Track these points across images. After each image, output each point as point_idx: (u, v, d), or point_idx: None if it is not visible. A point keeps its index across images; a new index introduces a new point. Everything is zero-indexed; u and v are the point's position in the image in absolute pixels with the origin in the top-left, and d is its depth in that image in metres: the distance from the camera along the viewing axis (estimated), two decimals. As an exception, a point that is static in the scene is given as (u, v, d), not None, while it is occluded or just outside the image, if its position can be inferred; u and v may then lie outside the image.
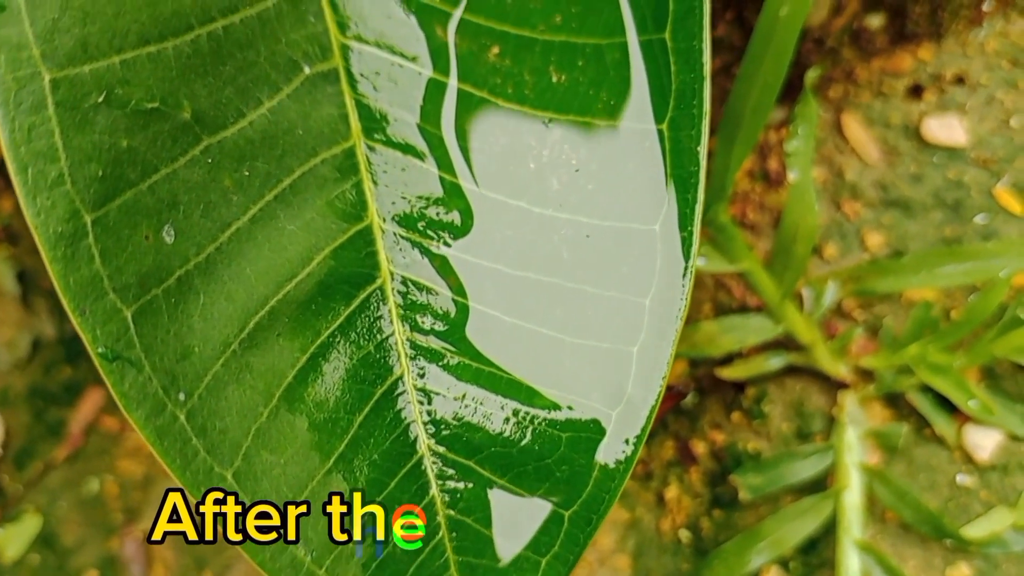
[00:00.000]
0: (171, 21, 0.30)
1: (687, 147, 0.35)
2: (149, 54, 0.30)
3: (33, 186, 0.29)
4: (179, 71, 0.30)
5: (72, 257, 0.30)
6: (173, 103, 0.31)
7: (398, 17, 0.36)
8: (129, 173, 0.30)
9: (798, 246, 0.61)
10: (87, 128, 0.29)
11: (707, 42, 0.35)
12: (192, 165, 0.31)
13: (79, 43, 0.29)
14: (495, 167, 0.36)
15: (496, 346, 0.36)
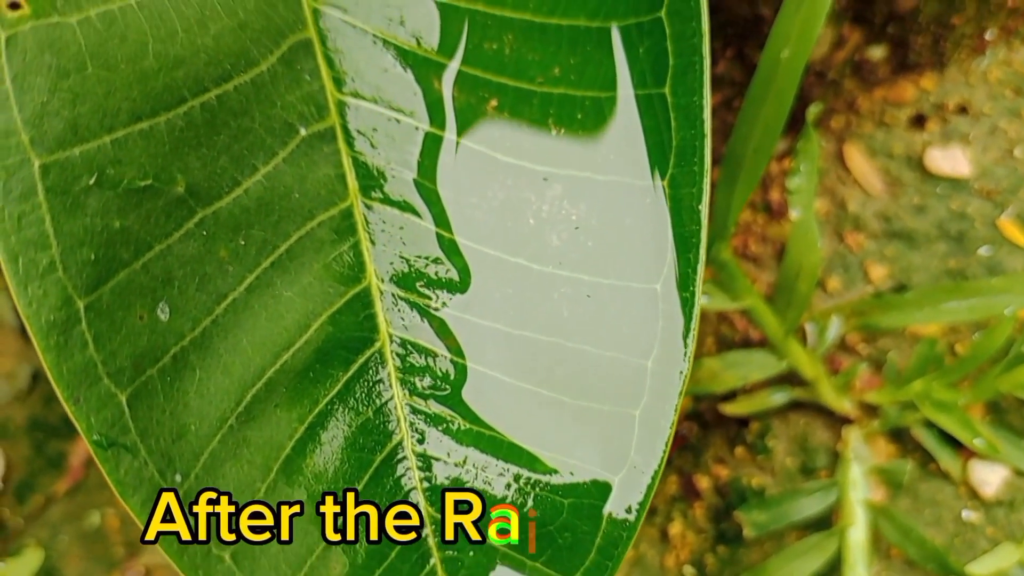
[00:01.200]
0: (163, 95, 0.29)
1: (688, 205, 0.34)
2: (141, 131, 0.29)
3: (24, 275, 0.29)
4: (172, 145, 0.30)
5: (65, 345, 0.29)
6: (166, 178, 0.30)
7: (395, 71, 0.36)
8: (122, 253, 0.30)
9: (801, 283, 0.61)
10: (78, 212, 0.29)
11: (707, 99, 0.34)
12: (187, 239, 0.31)
13: (69, 125, 0.28)
14: (494, 223, 0.36)
15: (496, 409, 0.35)
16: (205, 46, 0.30)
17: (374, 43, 0.36)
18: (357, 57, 0.35)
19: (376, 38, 0.35)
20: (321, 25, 0.35)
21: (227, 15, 0.31)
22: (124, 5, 0.28)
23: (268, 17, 0.32)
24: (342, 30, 0.35)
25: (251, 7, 0.31)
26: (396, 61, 0.36)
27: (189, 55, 0.30)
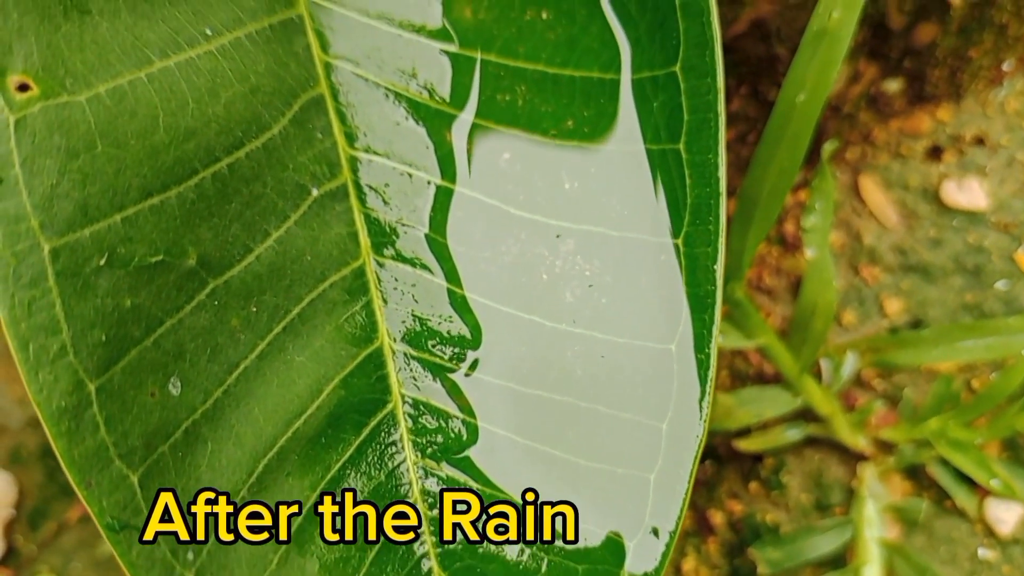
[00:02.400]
0: (174, 169, 0.29)
1: (703, 264, 0.34)
2: (152, 207, 0.29)
3: (35, 362, 0.28)
4: (183, 218, 0.30)
5: (76, 430, 0.29)
6: (178, 252, 0.30)
7: (406, 124, 0.36)
8: (133, 331, 0.29)
9: (816, 322, 0.60)
10: (89, 294, 0.29)
11: (722, 157, 0.34)
12: (198, 311, 0.31)
13: (79, 207, 0.28)
14: (506, 279, 0.35)
15: (508, 470, 0.35)
16: (216, 115, 0.30)
17: (386, 96, 0.35)
18: (369, 111, 0.35)
19: (388, 91, 0.35)
20: (333, 79, 0.35)
21: (238, 81, 0.30)
22: (134, 79, 0.28)
23: (280, 78, 0.32)
24: (354, 84, 0.35)
25: (263, 69, 0.31)
26: (408, 114, 0.36)
27: (200, 126, 0.29)
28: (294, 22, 0.34)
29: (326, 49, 0.35)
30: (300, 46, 0.34)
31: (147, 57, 0.28)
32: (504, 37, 0.37)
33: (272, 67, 0.32)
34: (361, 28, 0.35)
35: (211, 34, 0.30)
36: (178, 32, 0.29)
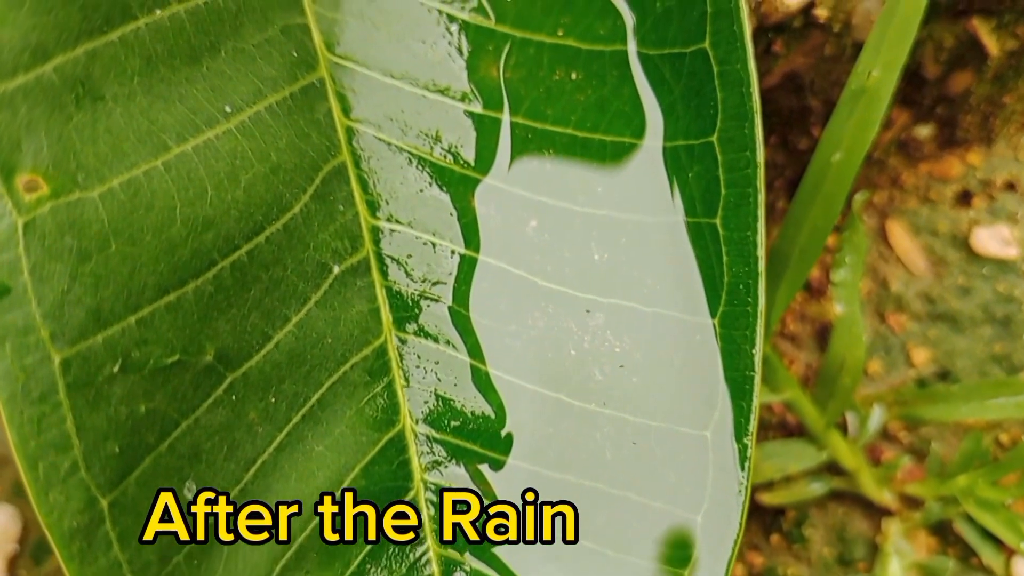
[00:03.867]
0: (191, 262, 0.28)
1: (741, 347, 0.33)
2: (168, 304, 0.27)
3: (45, 481, 0.26)
4: (201, 313, 0.28)
5: (88, 550, 0.27)
6: (195, 349, 0.28)
7: (430, 191, 0.34)
8: (148, 438, 0.28)
9: (844, 377, 0.59)
10: (102, 404, 0.27)
11: (762, 234, 0.33)
12: (215, 407, 0.29)
13: (91, 313, 0.26)
14: (532, 355, 0.34)
15: (534, 562, 0.33)
16: (236, 201, 0.28)
17: (409, 162, 0.34)
18: (391, 178, 0.34)
19: (411, 156, 0.34)
20: (355, 145, 0.34)
21: (259, 160, 0.29)
22: (150, 168, 0.27)
23: (301, 151, 0.31)
24: (376, 149, 0.34)
25: (284, 145, 0.30)
26: (431, 179, 0.34)
27: (219, 214, 0.28)
28: (315, 87, 0.33)
29: (348, 113, 0.34)
30: (322, 112, 0.33)
31: (164, 143, 0.27)
32: (532, 98, 0.35)
33: (294, 140, 0.30)
34: (384, 90, 0.34)
35: (231, 111, 0.28)
36: (196, 112, 0.28)
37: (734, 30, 0.33)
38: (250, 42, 0.30)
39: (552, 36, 0.36)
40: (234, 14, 0.29)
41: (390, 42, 0.34)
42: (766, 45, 0.46)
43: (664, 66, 0.34)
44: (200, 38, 0.28)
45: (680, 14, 0.34)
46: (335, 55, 0.34)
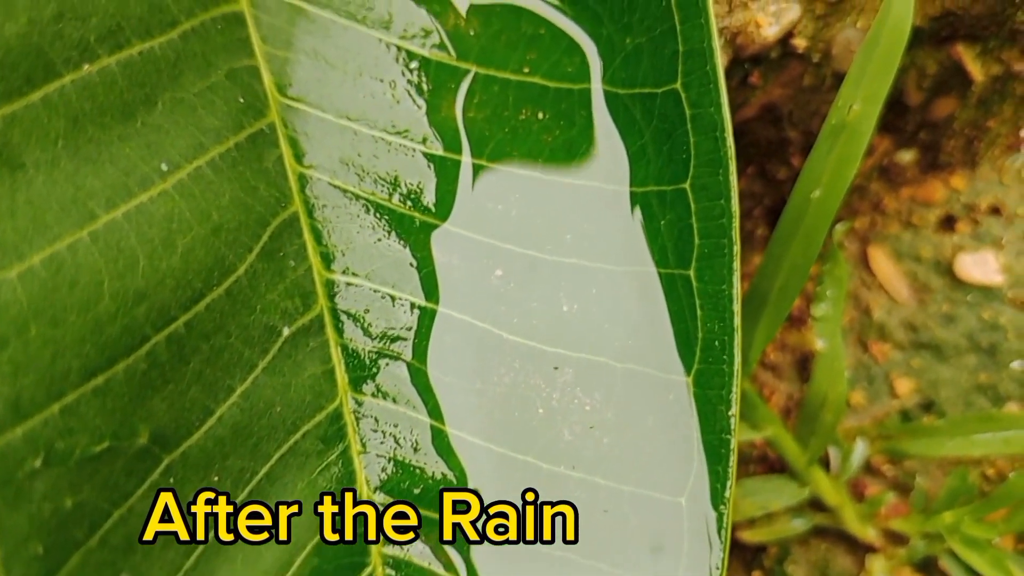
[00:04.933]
0: (121, 339, 0.25)
1: (717, 408, 0.31)
2: (95, 388, 0.25)
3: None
4: (132, 394, 0.26)
5: None
6: (127, 433, 0.26)
7: (388, 240, 0.33)
8: (76, 534, 0.25)
9: (825, 414, 0.58)
10: (23, 502, 0.24)
11: (738, 288, 0.31)
12: (151, 492, 0.27)
13: (9, 404, 0.23)
14: (498, 414, 0.32)
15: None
16: (171, 269, 0.26)
17: (366, 209, 0.33)
18: (347, 227, 0.32)
19: (368, 203, 0.32)
20: (308, 193, 0.32)
21: (199, 222, 0.27)
22: (75, 241, 0.24)
23: (247, 206, 0.29)
24: (331, 197, 0.32)
25: (227, 202, 0.28)
26: (389, 228, 0.33)
27: (152, 285, 0.26)
28: (264, 133, 0.31)
29: (300, 159, 0.32)
30: (271, 160, 0.31)
31: (91, 211, 0.25)
32: (497, 139, 0.34)
33: (238, 195, 0.29)
34: (339, 133, 0.33)
35: (167, 169, 0.27)
36: (129, 173, 0.26)
37: (707, 71, 0.31)
38: (191, 91, 0.28)
39: (518, 73, 0.34)
40: (172, 62, 0.28)
41: (346, 82, 0.33)
42: (743, 76, 0.45)
43: (634, 107, 0.33)
44: (134, 91, 0.26)
45: (651, 52, 0.32)
46: (287, 97, 0.32)
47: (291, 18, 0.33)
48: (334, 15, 0.33)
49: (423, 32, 0.34)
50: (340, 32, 0.33)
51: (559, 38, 0.34)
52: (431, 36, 0.34)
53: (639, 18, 0.33)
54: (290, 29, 0.33)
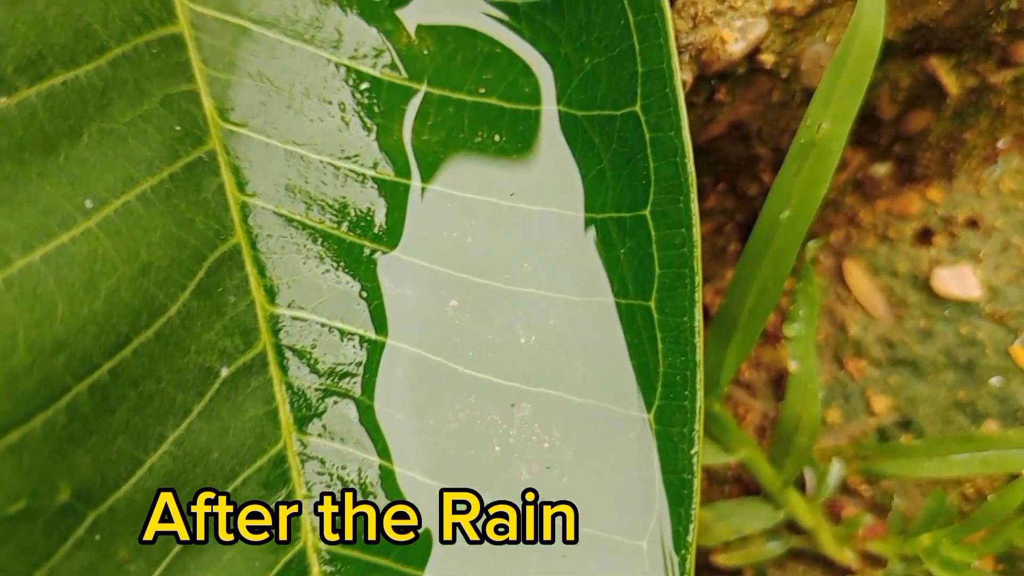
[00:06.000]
0: (38, 393, 0.24)
1: (679, 447, 0.30)
2: (10, 446, 0.23)
3: None
4: (52, 449, 0.24)
5: None
6: (46, 491, 0.24)
7: (336, 271, 0.32)
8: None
9: (800, 437, 0.57)
10: None
11: (699, 321, 0.30)
12: (75, 551, 0.25)
13: None
14: (453, 452, 0.31)
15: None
16: (94, 314, 0.25)
17: (312, 239, 0.31)
18: (292, 259, 0.31)
19: (315, 232, 0.31)
20: (251, 223, 0.31)
21: (125, 262, 0.26)
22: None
23: (180, 241, 0.28)
24: (275, 227, 0.31)
25: (158, 237, 0.27)
26: (337, 258, 0.32)
27: (72, 333, 0.25)
28: (204, 162, 0.30)
29: (243, 187, 0.31)
30: (210, 189, 0.30)
31: (5, 256, 0.23)
32: (451, 163, 0.33)
33: (171, 230, 0.27)
34: (285, 159, 0.32)
35: (92, 206, 0.25)
36: (49, 213, 0.24)
37: (666, 93, 0.30)
38: (121, 121, 0.27)
39: (473, 94, 0.33)
40: (100, 91, 0.27)
41: (293, 105, 0.32)
42: (709, 93, 0.44)
43: (593, 130, 0.32)
44: (57, 124, 0.25)
45: (609, 73, 0.32)
46: (229, 122, 0.31)
47: (235, 39, 0.32)
48: (280, 35, 0.32)
49: (374, 52, 0.33)
50: (286, 53, 0.32)
51: (515, 58, 0.33)
52: (382, 56, 0.33)
53: (597, 37, 0.32)
54: (233, 51, 0.32)
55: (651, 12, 0.30)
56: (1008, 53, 0.51)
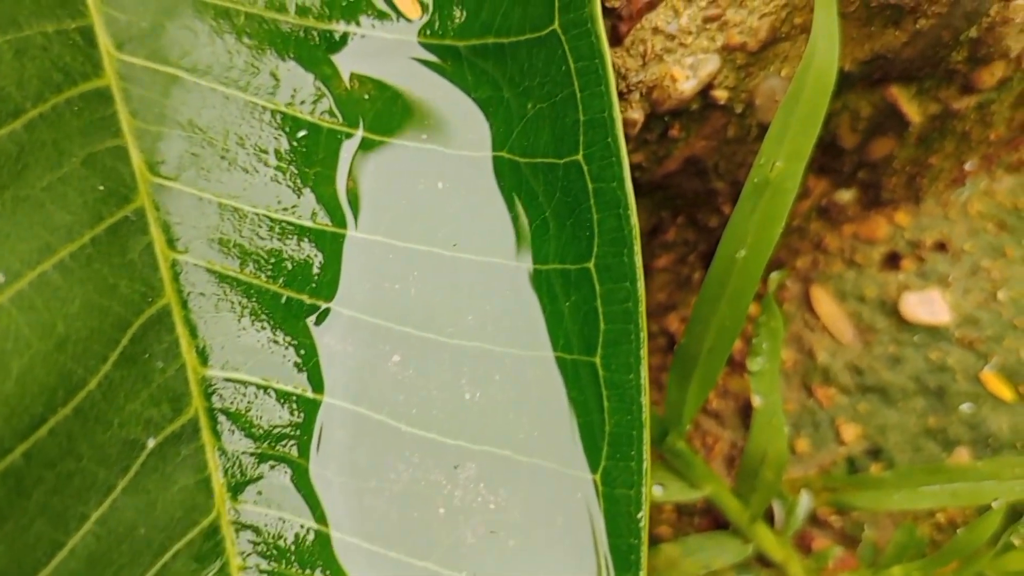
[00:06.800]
0: None
1: (625, 511, 0.30)
2: None
3: None
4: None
5: None
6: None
7: (271, 330, 0.31)
8: None
9: (766, 472, 0.56)
10: None
11: (645, 379, 0.30)
12: None
13: None
14: (395, 515, 0.31)
15: None
16: (5, 396, 0.24)
17: (247, 296, 0.31)
18: (226, 318, 0.30)
19: (250, 289, 0.31)
20: (182, 282, 0.30)
21: (40, 338, 0.25)
22: None
23: (102, 310, 0.27)
24: (207, 285, 0.30)
25: (76, 309, 0.26)
26: (273, 315, 0.31)
27: (-23, 419, 0.24)
28: (130, 221, 0.29)
29: (173, 244, 0.30)
30: (137, 249, 0.29)
31: None
32: (393, 212, 0.32)
33: (92, 298, 0.27)
34: (217, 213, 0.31)
35: (4, 280, 0.25)
36: (-49, 293, 0.24)
37: (608, 143, 0.30)
38: (37, 186, 0.26)
39: (415, 140, 0.32)
40: (15, 157, 0.26)
41: (226, 155, 0.31)
42: (663, 130, 0.43)
43: (536, 178, 0.31)
44: (-34, 195, 0.24)
45: (552, 119, 0.31)
46: (159, 176, 0.30)
47: (165, 89, 0.31)
48: (214, 83, 0.31)
49: (312, 98, 0.32)
50: (220, 101, 0.31)
51: (457, 103, 0.32)
52: (321, 102, 0.32)
53: (539, 82, 0.31)
54: (164, 101, 0.31)
55: (592, 59, 0.30)
56: (970, 80, 0.50)
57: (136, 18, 0.31)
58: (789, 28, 0.42)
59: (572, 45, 0.30)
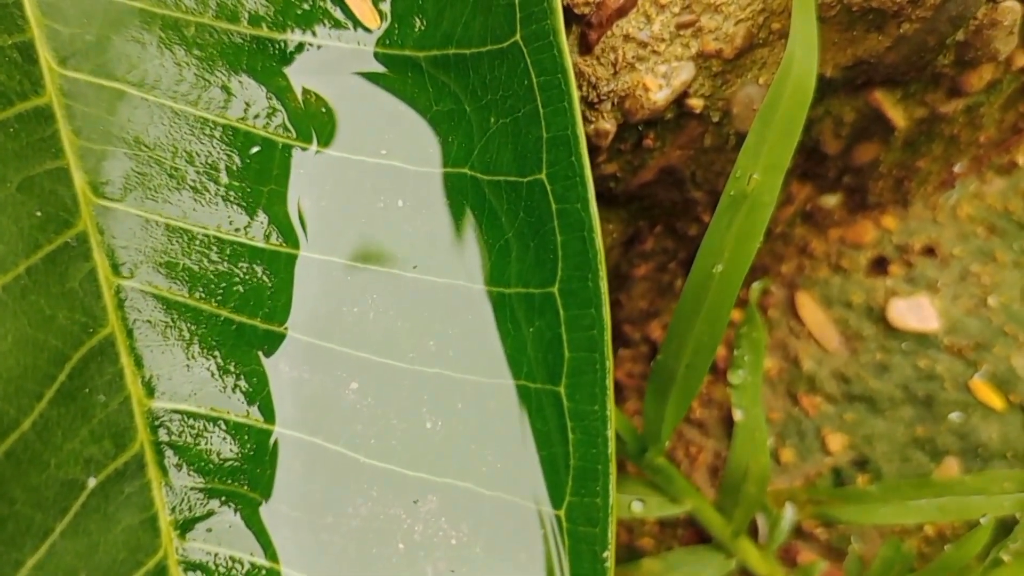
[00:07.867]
0: None
1: (590, 550, 0.29)
2: None
3: None
4: None
5: None
6: None
7: (220, 358, 0.30)
8: None
9: (749, 486, 0.55)
10: None
11: (612, 410, 0.29)
12: None
13: None
14: (353, 552, 0.30)
15: None
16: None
17: (196, 322, 0.30)
18: (173, 347, 0.30)
19: (199, 315, 0.30)
20: (127, 310, 0.29)
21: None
22: None
23: (37, 345, 0.26)
24: (154, 312, 0.29)
25: (7, 347, 0.25)
26: (223, 342, 0.30)
27: None
28: (70, 247, 0.28)
29: (118, 269, 0.29)
30: (78, 277, 0.28)
31: None
32: (350, 233, 0.31)
33: (26, 333, 0.26)
34: (164, 235, 0.30)
35: (-77, 322, 0.24)
36: None
37: (572, 161, 0.29)
38: (-34, 218, 0.25)
39: (374, 156, 0.31)
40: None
41: (175, 174, 0.30)
42: (637, 139, 0.42)
43: (498, 197, 0.30)
44: None
45: (515, 135, 0.30)
46: (103, 198, 0.29)
47: (111, 105, 0.30)
48: (162, 98, 0.30)
49: (265, 112, 0.31)
50: (169, 117, 0.30)
51: (418, 116, 0.31)
52: (275, 116, 0.31)
53: (501, 96, 0.30)
54: (109, 118, 0.30)
55: (554, 73, 0.29)
56: (958, 83, 0.49)
57: (80, 31, 0.30)
58: (767, 34, 0.41)
59: (534, 58, 0.29)
